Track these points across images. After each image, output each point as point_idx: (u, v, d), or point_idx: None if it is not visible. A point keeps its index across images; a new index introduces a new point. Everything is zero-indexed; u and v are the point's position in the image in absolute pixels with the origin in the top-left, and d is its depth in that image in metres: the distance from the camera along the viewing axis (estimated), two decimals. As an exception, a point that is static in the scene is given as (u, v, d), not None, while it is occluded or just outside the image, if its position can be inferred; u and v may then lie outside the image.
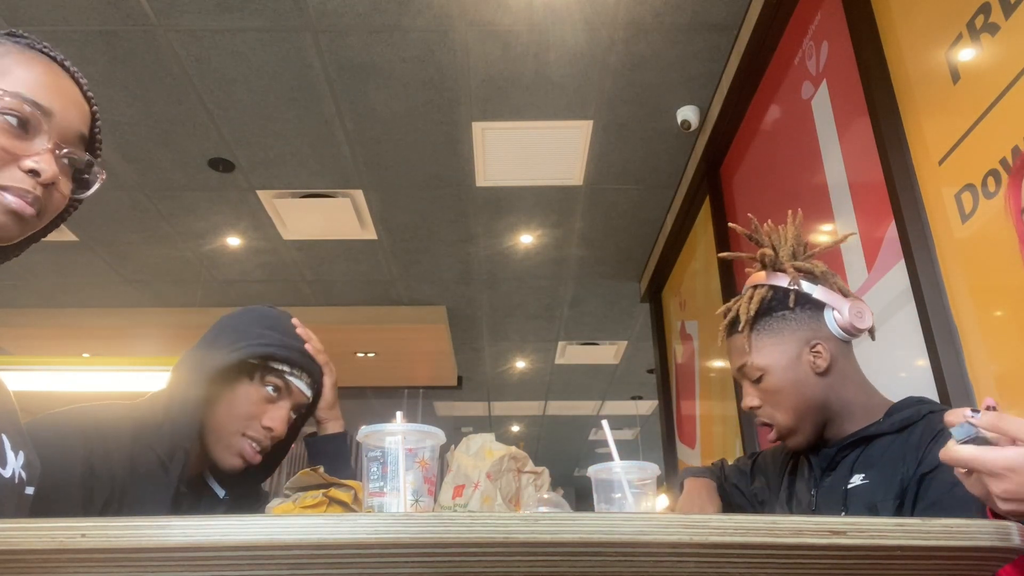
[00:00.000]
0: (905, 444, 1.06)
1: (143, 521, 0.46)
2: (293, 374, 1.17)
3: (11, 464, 0.79)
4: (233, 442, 1.11)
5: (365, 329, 5.55)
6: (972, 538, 0.47)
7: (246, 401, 1.12)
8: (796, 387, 1.15)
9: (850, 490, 1.10)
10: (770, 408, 1.17)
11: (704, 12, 2.71)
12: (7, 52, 0.79)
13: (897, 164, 1.78)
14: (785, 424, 1.16)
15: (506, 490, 1.13)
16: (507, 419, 8.59)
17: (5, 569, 0.46)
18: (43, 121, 0.79)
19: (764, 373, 1.16)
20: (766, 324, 1.18)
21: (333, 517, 0.48)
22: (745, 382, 1.21)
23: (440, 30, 2.79)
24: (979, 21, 1.55)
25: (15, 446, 0.81)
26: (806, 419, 1.15)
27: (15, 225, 0.78)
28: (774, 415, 1.17)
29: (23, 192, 0.78)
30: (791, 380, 1.15)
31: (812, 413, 1.15)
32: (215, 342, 1.14)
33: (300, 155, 3.57)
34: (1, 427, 0.81)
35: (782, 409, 1.15)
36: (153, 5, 2.66)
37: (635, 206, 4.04)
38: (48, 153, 0.79)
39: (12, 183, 0.77)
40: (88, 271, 4.70)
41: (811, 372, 1.15)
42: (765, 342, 1.17)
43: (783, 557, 0.48)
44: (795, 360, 1.15)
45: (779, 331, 1.17)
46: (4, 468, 0.77)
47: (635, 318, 5.48)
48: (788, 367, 1.15)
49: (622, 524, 0.47)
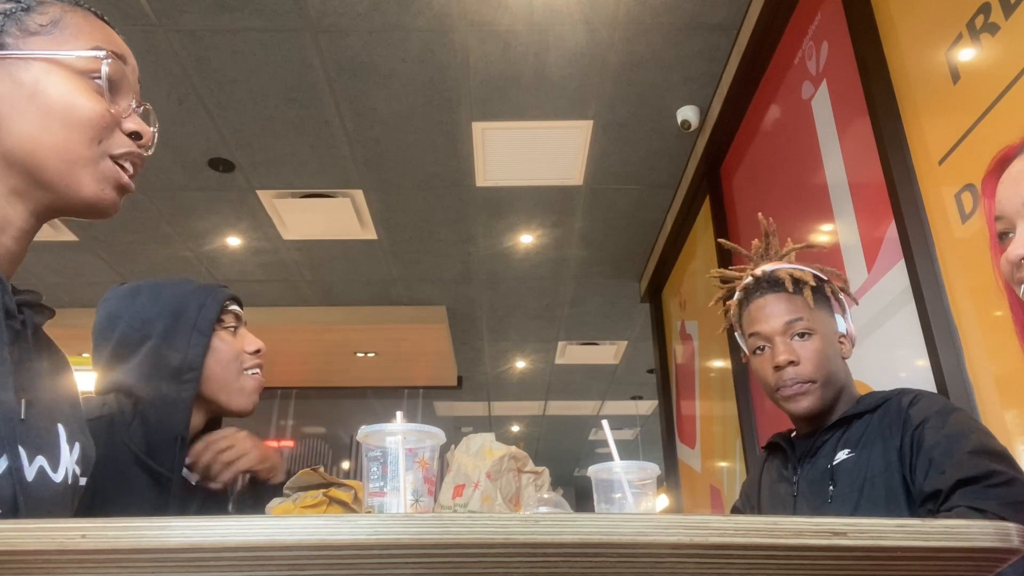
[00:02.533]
0: (884, 418, 1.13)
1: (143, 522, 0.46)
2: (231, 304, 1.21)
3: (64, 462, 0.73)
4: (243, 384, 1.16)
5: (365, 329, 5.55)
6: (972, 539, 0.47)
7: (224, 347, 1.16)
8: (833, 358, 1.23)
9: (836, 466, 1.14)
10: (809, 366, 1.21)
11: (704, 12, 2.71)
12: (63, 11, 0.74)
13: (897, 164, 1.78)
14: (820, 379, 1.21)
15: (506, 490, 1.13)
16: (507, 419, 8.60)
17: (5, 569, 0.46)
18: (128, 79, 0.77)
19: (814, 333, 1.22)
20: (817, 298, 1.25)
21: (333, 518, 0.48)
22: (781, 339, 1.23)
23: (440, 30, 2.79)
24: (979, 21, 1.55)
25: (72, 437, 0.76)
26: (832, 388, 1.22)
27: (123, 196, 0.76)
28: (812, 372, 1.21)
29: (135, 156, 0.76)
30: (833, 349, 1.24)
31: (837, 387, 1.23)
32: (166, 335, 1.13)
33: (300, 155, 3.57)
34: (60, 416, 0.75)
35: (822, 368, 1.21)
36: (153, 5, 2.66)
37: (635, 206, 4.04)
38: (135, 113, 0.77)
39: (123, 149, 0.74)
40: (88, 271, 4.70)
41: (840, 354, 1.25)
42: (820, 311, 1.25)
43: (783, 558, 0.48)
44: (835, 339, 1.25)
45: (823, 308, 1.26)
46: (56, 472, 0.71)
47: (635, 318, 5.48)
48: (831, 339, 1.24)
49: (622, 525, 0.47)
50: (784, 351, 1.21)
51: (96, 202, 0.73)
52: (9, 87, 0.69)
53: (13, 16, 0.72)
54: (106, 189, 0.73)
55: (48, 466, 0.71)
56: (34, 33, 0.72)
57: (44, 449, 0.71)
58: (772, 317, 1.24)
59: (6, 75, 0.70)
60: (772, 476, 1.30)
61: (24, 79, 0.70)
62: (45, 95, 0.70)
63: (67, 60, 0.72)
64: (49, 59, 0.71)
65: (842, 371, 1.24)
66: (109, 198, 0.74)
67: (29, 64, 0.70)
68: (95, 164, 0.72)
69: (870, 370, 1.93)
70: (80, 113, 0.71)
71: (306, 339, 5.58)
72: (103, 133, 0.73)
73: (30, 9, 0.73)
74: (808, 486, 1.18)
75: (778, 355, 1.21)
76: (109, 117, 0.73)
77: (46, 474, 0.70)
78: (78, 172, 0.71)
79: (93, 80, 0.73)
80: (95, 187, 0.72)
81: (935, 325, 1.62)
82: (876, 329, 1.92)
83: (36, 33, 0.72)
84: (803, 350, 1.21)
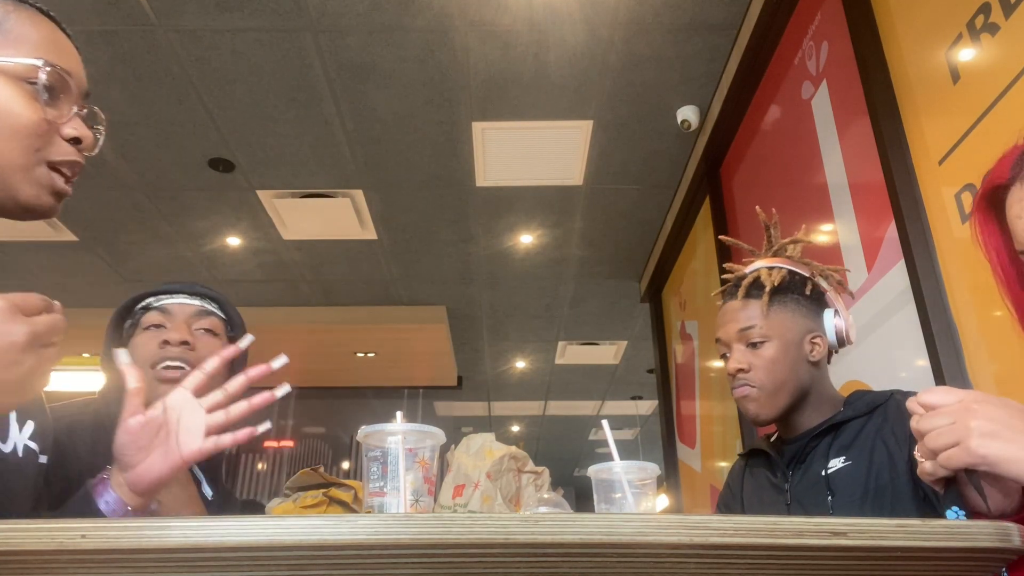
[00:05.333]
0: (884, 423, 1.10)
1: (143, 522, 0.46)
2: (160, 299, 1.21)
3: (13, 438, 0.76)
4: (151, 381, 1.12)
5: (365, 329, 5.55)
6: (973, 539, 0.46)
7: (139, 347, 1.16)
8: (789, 364, 1.19)
9: (831, 475, 1.11)
10: (760, 374, 1.20)
11: (704, 12, 2.71)
12: (7, 12, 0.74)
13: (897, 164, 1.78)
14: (768, 389, 1.19)
15: (506, 490, 1.13)
16: (507, 419, 8.59)
17: (5, 569, 0.46)
18: (70, 85, 0.76)
19: (768, 340, 1.20)
20: (782, 300, 1.23)
21: (333, 518, 0.48)
22: (737, 346, 1.23)
23: (440, 30, 2.79)
24: (979, 21, 1.55)
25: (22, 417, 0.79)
26: (785, 395, 1.19)
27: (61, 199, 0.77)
28: (763, 381, 1.20)
29: (72, 163, 0.76)
30: (790, 356, 1.20)
31: (792, 392, 1.19)
32: None
33: (300, 155, 3.57)
34: None
35: (771, 378, 1.19)
36: (153, 5, 2.66)
37: (635, 206, 4.04)
38: (77, 117, 0.77)
39: (61, 156, 0.75)
40: (88, 271, 4.70)
41: (805, 358, 1.21)
42: (780, 314, 1.22)
43: (783, 558, 0.48)
44: (797, 343, 1.21)
45: (791, 310, 1.22)
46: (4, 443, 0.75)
47: (635, 318, 5.48)
48: (791, 344, 1.20)
49: (622, 525, 0.47)
50: (735, 359, 1.22)
51: (32, 207, 0.74)
52: None
53: None
54: (42, 195, 0.74)
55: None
56: None
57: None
58: (728, 324, 1.25)
59: None
60: (758, 482, 1.27)
61: None
62: None
63: (4, 66, 0.71)
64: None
65: (805, 375, 1.20)
66: (45, 203, 0.75)
67: None
68: (30, 171, 0.73)
69: (870, 370, 1.93)
70: (14, 121, 0.71)
71: (306, 339, 5.58)
72: (39, 141, 0.73)
73: None
74: (803, 495, 1.15)
75: (729, 364, 1.23)
76: (45, 125, 0.73)
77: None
78: (13, 178, 0.72)
79: (30, 87, 0.72)
80: (30, 192, 0.73)
81: (935, 325, 1.61)
82: (876, 329, 1.92)
83: None
84: (755, 358, 1.20)
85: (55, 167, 0.75)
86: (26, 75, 0.72)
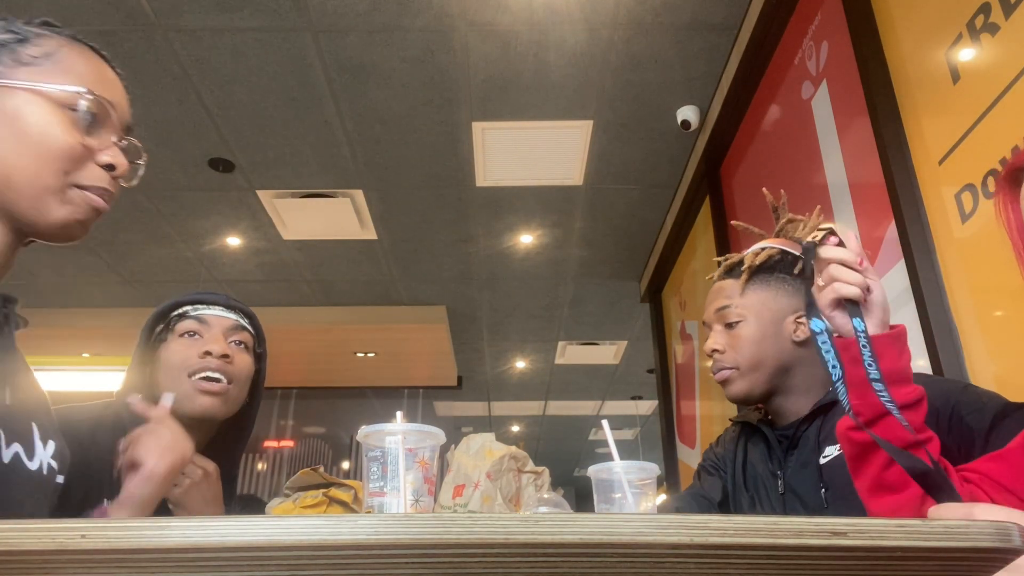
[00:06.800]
0: None
1: (143, 522, 0.46)
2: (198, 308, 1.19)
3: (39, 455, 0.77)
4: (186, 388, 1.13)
5: (365, 329, 5.55)
6: (973, 539, 0.46)
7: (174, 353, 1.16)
8: (767, 343, 1.18)
9: (825, 465, 1.10)
10: (735, 353, 1.20)
11: (704, 12, 2.71)
12: (60, 46, 0.79)
13: (897, 164, 1.78)
14: (743, 367, 1.18)
15: (506, 490, 1.13)
16: (507, 419, 8.60)
17: (5, 569, 0.46)
18: (110, 115, 0.80)
19: (743, 320, 1.20)
20: (764, 279, 1.21)
21: (333, 518, 0.48)
22: (716, 326, 1.23)
23: (440, 30, 2.79)
24: (979, 21, 1.55)
25: (45, 435, 0.80)
26: (762, 374, 1.18)
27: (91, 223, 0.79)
28: (736, 360, 1.19)
29: (103, 191, 0.79)
30: (767, 335, 1.18)
31: (771, 372, 1.18)
32: None
33: (300, 155, 3.57)
34: (32, 415, 0.80)
35: (745, 357, 1.18)
36: (153, 5, 2.66)
37: (635, 206, 4.04)
38: (115, 146, 0.80)
39: (92, 182, 0.78)
40: (88, 271, 4.70)
41: (788, 337, 1.18)
42: (758, 293, 1.20)
43: (783, 558, 0.48)
44: (777, 321, 1.19)
45: (774, 288, 1.20)
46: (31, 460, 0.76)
47: (635, 318, 5.48)
48: (769, 323, 1.19)
49: (622, 525, 0.47)
50: (711, 339, 1.23)
51: (63, 226, 0.77)
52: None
53: (7, 47, 0.76)
54: (75, 213, 0.77)
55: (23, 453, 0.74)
56: (25, 64, 0.76)
57: (20, 438, 0.75)
58: (709, 304, 1.25)
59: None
60: (754, 457, 1.25)
61: (6, 106, 0.74)
62: (23, 123, 0.74)
63: (49, 92, 0.75)
64: (32, 89, 0.75)
65: (787, 355, 1.18)
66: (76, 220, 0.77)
67: (14, 93, 0.75)
68: (61, 193, 0.76)
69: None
70: (51, 143, 0.74)
71: (306, 339, 5.58)
72: (71, 164, 0.76)
73: (26, 41, 0.77)
74: (798, 484, 1.14)
75: (706, 344, 1.23)
76: (80, 149, 0.76)
77: (21, 460, 0.74)
78: (45, 199, 0.75)
79: (72, 113, 0.76)
80: (62, 212, 0.76)
81: (935, 325, 1.61)
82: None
83: (27, 64, 0.76)
84: (731, 338, 1.21)
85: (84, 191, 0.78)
86: (69, 102, 0.76)
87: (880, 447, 0.83)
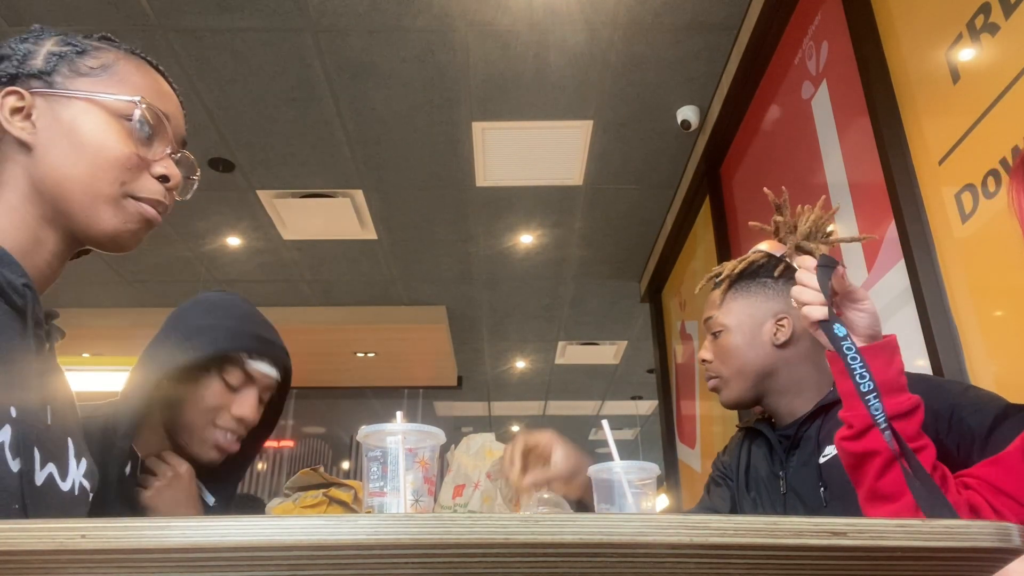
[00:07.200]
0: None
1: (143, 522, 0.46)
2: (252, 359, 1.12)
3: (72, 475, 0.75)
4: (207, 435, 1.09)
5: (365, 329, 5.55)
6: (973, 539, 0.46)
7: (209, 394, 1.09)
8: (747, 349, 1.20)
9: (824, 464, 1.10)
10: (718, 363, 1.23)
11: (704, 12, 2.71)
12: (117, 58, 0.80)
13: (897, 164, 1.78)
14: (725, 376, 1.21)
15: (506, 490, 1.13)
16: (507, 419, 8.59)
17: (4, 569, 0.46)
18: (165, 127, 0.81)
19: (724, 330, 1.22)
20: (745, 286, 1.23)
21: (333, 518, 0.48)
22: (707, 336, 1.27)
23: (440, 30, 2.79)
24: (979, 21, 1.55)
25: (79, 452, 0.78)
26: (744, 380, 1.20)
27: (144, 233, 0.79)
28: (720, 369, 1.22)
29: (157, 203, 0.79)
30: (746, 343, 1.20)
31: (752, 377, 1.20)
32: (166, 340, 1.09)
33: (300, 155, 3.57)
34: (69, 431, 0.78)
35: (727, 365, 1.21)
36: (153, 5, 2.66)
37: (635, 206, 4.04)
38: (169, 159, 0.81)
39: (146, 193, 0.78)
40: (88, 271, 4.70)
41: (768, 341, 1.20)
42: (737, 302, 1.22)
43: (783, 558, 0.48)
44: (757, 327, 1.20)
45: (754, 295, 1.22)
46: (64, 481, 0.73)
47: (635, 318, 5.48)
48: (749, 331, 1.20)
49: (622, 525, 0.47)
50: (702, 350, 1.27)
51: (116, 235, 0.77)
52: (50, 121, 0.75)
53: (66, 58, 0.78)
54: (128, 223, 0.77)
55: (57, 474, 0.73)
56: (83, 75, 0.77)
57: (56, 457, 0.73)
58: (704, 314, 1.29)
59: (50, 111, 0.75)
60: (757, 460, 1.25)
61: (64, 116, 0.75)
62: (79, 132, 0.75)
63: (105, 102, 0.77)
64: (89, 99, 0.76)
65: (769, 360, 1.19)
66: (129, 230, 0.78)
67: (72, 103, 0.76)
68: (116, 202, 0.76)
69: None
70: (107, 152, 0.75)
71: (306, 339, 5.58)
72: (127, 174, 0.77)
73: (85, 52, 0.79)
74: (798, 484, 1.14)
75: (699, 354, 1.27)
76: (136, 159, 0.77)
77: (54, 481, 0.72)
78: (99, 207, 0.75)
79: (128, 123, 0.77)
80: (115, 221, 0.76)
81: (935, 325, 1.61)
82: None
83: (85, 75, 0.77)
84: (716, 348, 1.24)
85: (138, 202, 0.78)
86: (124, 112, 0.77)
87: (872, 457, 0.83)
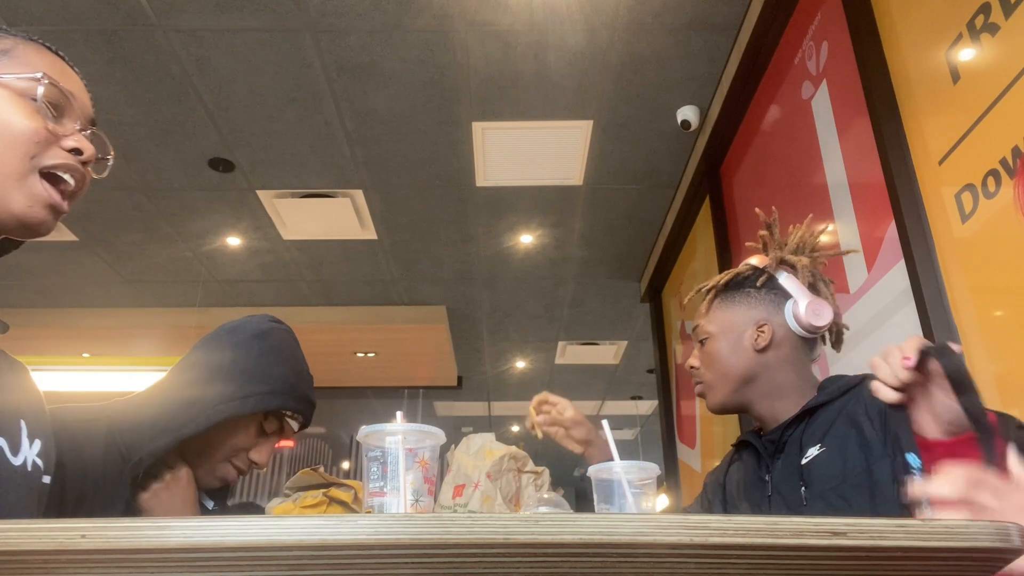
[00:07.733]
0: (854, 406, 1.10)
1: (143, 522, 0.46)
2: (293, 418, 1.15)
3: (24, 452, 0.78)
4: (218, 467, 1.10)
5: (365, 329, 5.55)
6: (973, 539, 0.47)
7: (243, 438, 1.10)
8: (729, 356, 1.24)
9: (805, 465, 1.11)
10: (703, 369, 1.28)
11: (704, 12, 2.71)
12: (16, 43, 0.81)
13: (897, 164, 1.78)
14: (709, 382, 1.26)
15: (506, 490, 1.13)
16: (507, 419, 8.59)
17: (4, 569, 0.46)
18: (71, 104, 0.81)
19: (709, 337, 1.27)
20: (729, 296, 1.28)
21: (333, 518, 0.48)
22: (697, 345, 1.31)
23: (440, 30, 2.79)
24: (979, 21, 1.55)
25: (33, 433, 0.81)
26: (727, 386, 1.24)
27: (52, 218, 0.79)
28: (704, 375, 1.28)
29: (71, 168, 0.79)
30: (729, 349, 1.24)
31: (735, 382, 1.23)
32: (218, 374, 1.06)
33: (300, 155, 3.57)
34: (21, 412, 0.81)
35: (711, 372, 1.26)
36: (153, 5, 2.66)
37: (635, 206, 4.04)
38: (79, 134, 0.81)
39: (58, 159, 0.78)
40: (88, 271, 4.70)
41: (750, 347, 1.23)
42: (722, 311, 1.28)
43: (783, 558, 0.48)
44: (739, 334, 1.24)
45: (737, 304, 1.27)
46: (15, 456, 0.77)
47: (635, 318, 5.48)
48: (731, 338, 1.25)
49: (622, 525, 0.47)
50: (691, 357, 1.32)
51: (24, 218, 0.77)
52: None
53: None
54: (35, 207, 0.77)
55: (7, 448, 0.75)
56: None
57: (5, 432, 0.76)
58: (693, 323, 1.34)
59: None
60: (743, 474, 1.27)
61: None
62: None
63: (7, 81, 0.77)
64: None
65: (750, 365, 1.21)
66: (38, 216, 0.77)
67: None
68: (25, 179, 0.76)
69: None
70: (14, 128, 0.76)
71: (306, 339, 5.53)
72: (36, 147, 0.77)
73: None
74: (782, 485, 1.15)
75: (687, 361, 1.32)
76: (44, 132, 0.77)
77: (4, 454, 0.75)
78: (8, 186, 0.75)
79: (32, 102, 0.78)
80: (23, 203, 0.76)
81: (935, 325, 1.61)
82: (876, 329, 1.92)
83: None
84: (701, 354, 1.29)
85: (52, 173, 0.78)
86: (28, 91, 0.78)
87: None
